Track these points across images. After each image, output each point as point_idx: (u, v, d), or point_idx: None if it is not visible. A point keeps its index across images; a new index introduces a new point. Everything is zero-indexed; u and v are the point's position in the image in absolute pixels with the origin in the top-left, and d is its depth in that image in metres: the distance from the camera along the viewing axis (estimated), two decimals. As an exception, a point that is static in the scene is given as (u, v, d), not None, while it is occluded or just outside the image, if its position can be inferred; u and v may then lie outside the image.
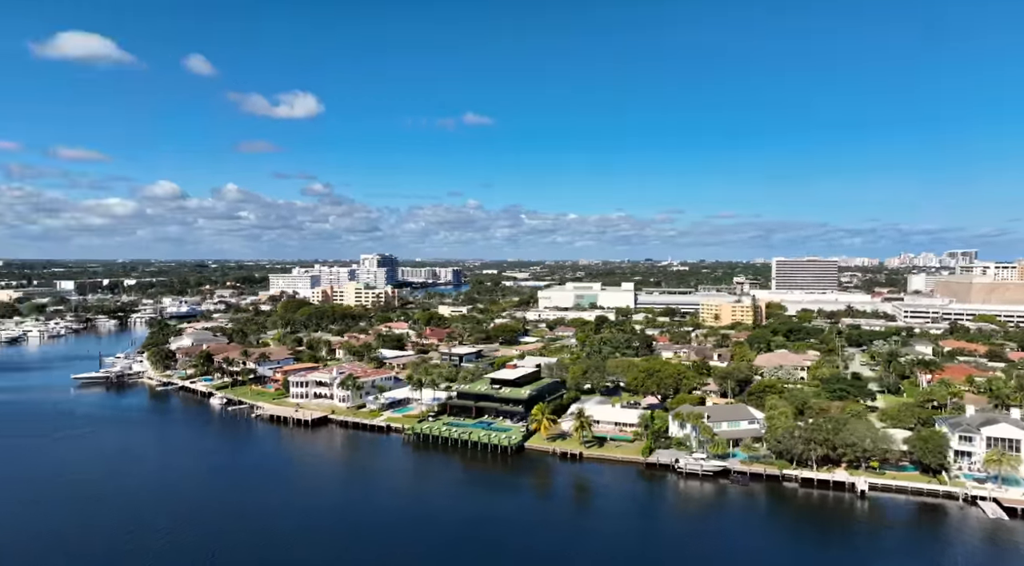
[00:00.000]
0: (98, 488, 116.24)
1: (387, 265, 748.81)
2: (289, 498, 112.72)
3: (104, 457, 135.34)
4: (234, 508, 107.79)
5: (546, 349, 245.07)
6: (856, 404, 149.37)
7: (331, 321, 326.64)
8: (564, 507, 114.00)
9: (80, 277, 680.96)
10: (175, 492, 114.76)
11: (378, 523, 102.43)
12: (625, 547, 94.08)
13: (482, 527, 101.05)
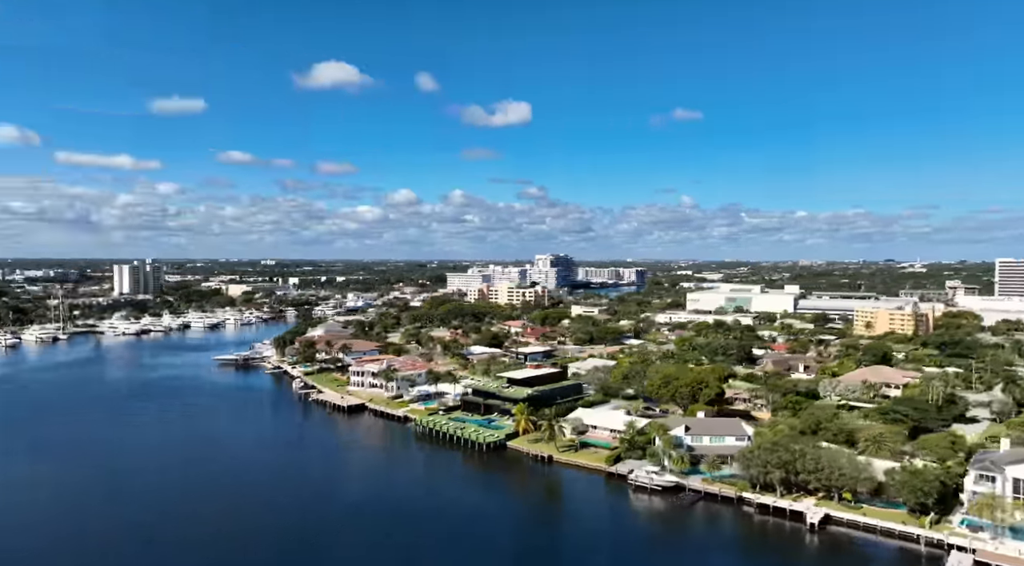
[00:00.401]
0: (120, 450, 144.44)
1: (560, 265, 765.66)
2: (256, 474, 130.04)
3: (166, 424, 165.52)
4: (201, 467, 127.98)
5: (627, 352, 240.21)
6: (895, 427, 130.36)
7: (459, 317, 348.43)
8: (493, 504, 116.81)
9: (326, 275, 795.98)
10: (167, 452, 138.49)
11: (321, 497, 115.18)
12: (507, 546, 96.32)
13: (403, 513, 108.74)
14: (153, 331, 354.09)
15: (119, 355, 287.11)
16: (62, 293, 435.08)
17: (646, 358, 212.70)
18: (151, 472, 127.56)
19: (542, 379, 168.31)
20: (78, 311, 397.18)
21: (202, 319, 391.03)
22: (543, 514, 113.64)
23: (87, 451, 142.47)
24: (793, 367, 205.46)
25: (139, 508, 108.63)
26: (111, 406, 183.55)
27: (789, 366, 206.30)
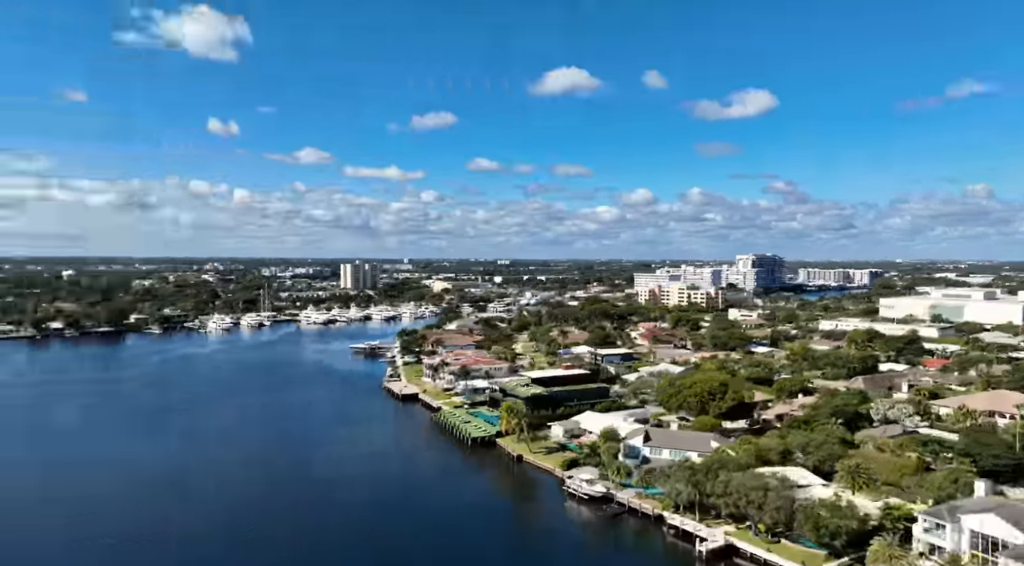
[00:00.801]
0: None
1: (763, 266, 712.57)
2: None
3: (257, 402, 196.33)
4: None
5: (724, 358, 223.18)
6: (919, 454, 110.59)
7: (602, 318, 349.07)
8: (420, 494, 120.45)
9: (547, 274, 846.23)
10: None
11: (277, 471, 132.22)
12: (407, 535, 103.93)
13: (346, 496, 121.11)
14: (338, 321, 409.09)
15: (291, 340, 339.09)
16: (271, 286, 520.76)
17: (725, 366, 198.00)
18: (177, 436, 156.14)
19: (563, 380, 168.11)
20: (294, 301, 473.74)
21: (383, 312, 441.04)
22: (462, 509, 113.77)
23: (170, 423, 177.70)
24: (896, 385, 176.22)
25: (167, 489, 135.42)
26: (232, 384, 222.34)
27: (891, 385, 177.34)
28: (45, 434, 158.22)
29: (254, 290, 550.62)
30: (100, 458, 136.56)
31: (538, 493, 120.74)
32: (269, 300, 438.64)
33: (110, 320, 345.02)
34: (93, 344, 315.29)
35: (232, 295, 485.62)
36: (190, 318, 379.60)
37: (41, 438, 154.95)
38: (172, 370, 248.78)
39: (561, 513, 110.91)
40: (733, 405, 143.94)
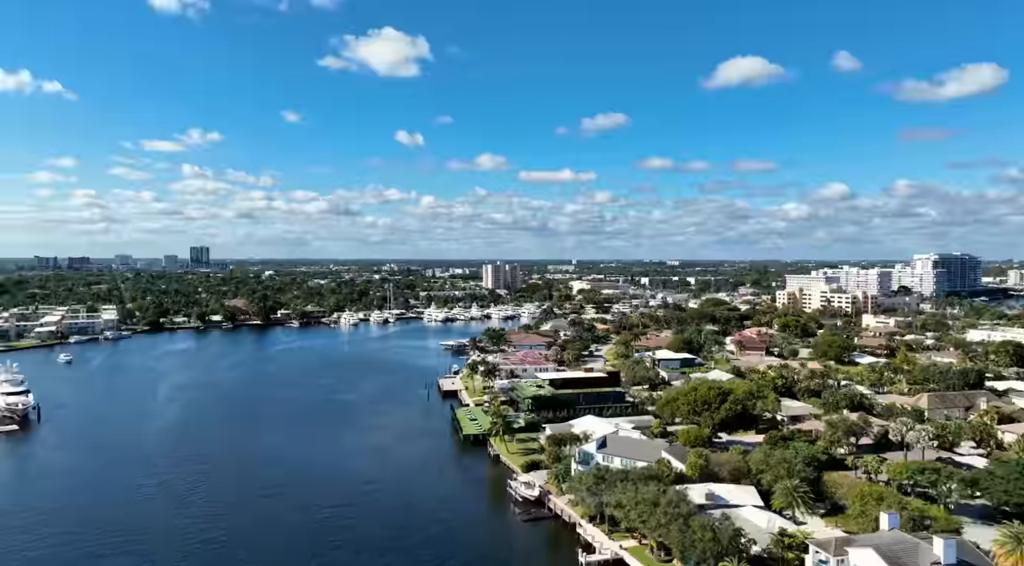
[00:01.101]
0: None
1: (950, 267, 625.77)
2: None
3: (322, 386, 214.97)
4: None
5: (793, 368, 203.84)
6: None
7: (712, 321, 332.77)
8: (377, 486, 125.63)
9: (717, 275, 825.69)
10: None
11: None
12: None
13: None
14: (458, 319, 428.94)
15: (401, 335, 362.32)
16: (393, 285, 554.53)
17: (783, 376, 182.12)
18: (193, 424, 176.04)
19: (579, 382, 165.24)
20: (430, 299, 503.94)
21: (503, 311, 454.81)
22: (404, 496, 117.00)
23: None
24: (975, 405, 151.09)
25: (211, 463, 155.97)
26: (310, 369, 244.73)
27: (970, 404, 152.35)
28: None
29: (406, 288, 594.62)
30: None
31: (491, 493, 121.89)
32: (402, 298, 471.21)
33: (260, 314, 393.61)
34: (239, 334, 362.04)
35: (374, 293, 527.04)
36: (327, 314, 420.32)
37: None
38: (273, 354, 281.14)
39: (497, 514, 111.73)
40: (731, 415, 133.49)
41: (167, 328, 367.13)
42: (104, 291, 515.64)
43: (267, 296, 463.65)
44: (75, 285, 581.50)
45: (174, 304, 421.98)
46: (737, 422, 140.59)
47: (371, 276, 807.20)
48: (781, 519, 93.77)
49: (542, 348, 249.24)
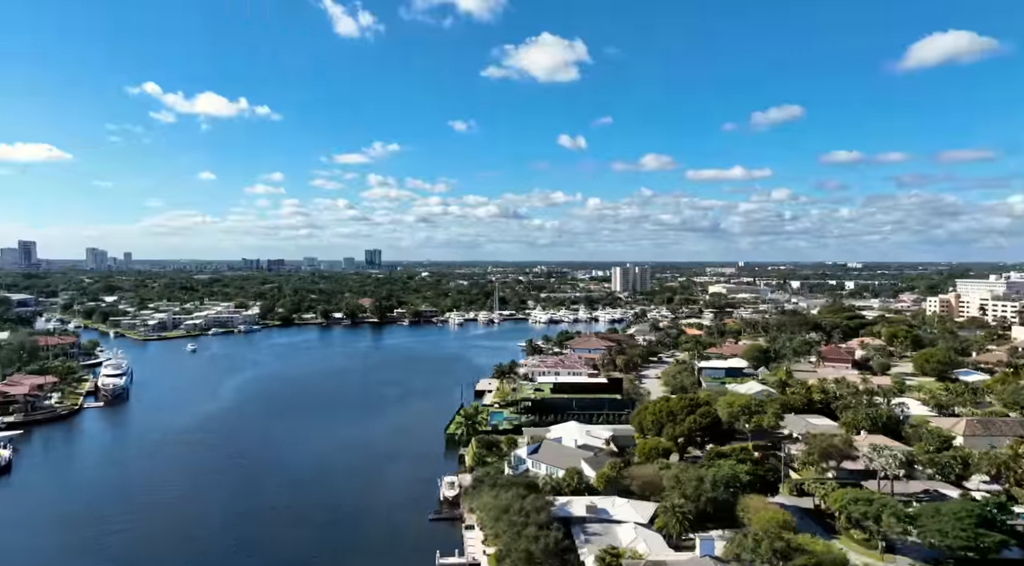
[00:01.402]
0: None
1: None
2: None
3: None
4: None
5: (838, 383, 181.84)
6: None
7: (816, 330, 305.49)
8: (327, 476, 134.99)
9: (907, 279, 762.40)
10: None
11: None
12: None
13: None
14: (563, 321, 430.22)
15: (494, 335, 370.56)
16: (523, 286, 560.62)
17: (824, 390, 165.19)
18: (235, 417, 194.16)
19: (580, 387, 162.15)
20: (549, 300, 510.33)
21: (610, 314, 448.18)
22: (354, 491, 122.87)
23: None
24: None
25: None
26: (383, 363, 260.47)
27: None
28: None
29: (535, 290, 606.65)
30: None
31: (432, 491, 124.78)
32: (517, 299, 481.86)
33: (376, 312, 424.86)
34: (352, 330, 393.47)
35: (497, 294, 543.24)
36: (439, 313, 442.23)
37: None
38: (359, 349, 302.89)
39: (416, 511, 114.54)
40: (696, 428, 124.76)
41: (296, 323, 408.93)
42: (267, 290, 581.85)
43: (390, 295, 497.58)
44: (250, 284, 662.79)
45: (313, 302, 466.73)
46: (716, 436, 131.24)
47: (507, 277, 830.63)
48: (659, 538, 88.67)
49: (600, 352, 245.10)
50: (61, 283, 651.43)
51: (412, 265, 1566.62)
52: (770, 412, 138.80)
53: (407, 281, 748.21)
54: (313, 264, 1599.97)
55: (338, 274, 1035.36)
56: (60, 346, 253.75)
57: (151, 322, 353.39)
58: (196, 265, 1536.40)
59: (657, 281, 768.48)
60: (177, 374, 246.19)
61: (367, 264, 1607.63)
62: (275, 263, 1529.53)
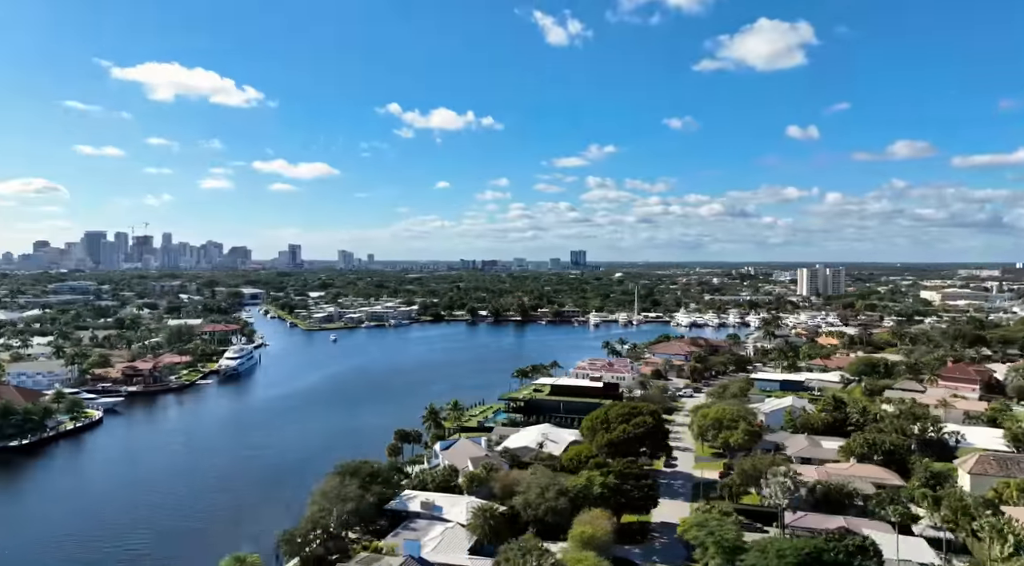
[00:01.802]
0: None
1: None
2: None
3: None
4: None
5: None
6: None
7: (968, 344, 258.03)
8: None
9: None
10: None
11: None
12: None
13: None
14: (708, 325, 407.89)
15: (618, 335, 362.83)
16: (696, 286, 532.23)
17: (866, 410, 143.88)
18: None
19: (571, 390, 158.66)
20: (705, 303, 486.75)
21: (758, 318, 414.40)
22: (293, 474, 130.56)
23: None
24: None
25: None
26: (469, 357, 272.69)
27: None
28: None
29: (713, 291, 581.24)
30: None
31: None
32: (638, 302, 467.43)
33: (519, 311, 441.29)
34: (493, 327, 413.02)
35: (661, 295, 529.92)
36: (580, 313, 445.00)
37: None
38: (470, 344, 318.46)
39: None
40: (622, 438, 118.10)
41: (446, 319, 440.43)
42: (443, 288, 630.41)
43: (543, 294, 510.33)
44: (441, 283, 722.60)
45: (479, 300, 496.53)
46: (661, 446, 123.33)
47: (710, 277, 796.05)
48: (465, 540, 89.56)
49: (681, 357, 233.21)
50: (311, 278, 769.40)
51: (626, 266, 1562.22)
52: (740, 429, 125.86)
53: (591, 281, 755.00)
54: (522, 264, 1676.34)
55: (531, 274, 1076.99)
56: (223, 333, 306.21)
57: (318, 315, 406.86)
58: (421, 265, 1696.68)
59: (865, 284, 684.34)
60: (301, 359, 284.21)
61: (572, 264, 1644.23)
62: (488, 263, 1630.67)
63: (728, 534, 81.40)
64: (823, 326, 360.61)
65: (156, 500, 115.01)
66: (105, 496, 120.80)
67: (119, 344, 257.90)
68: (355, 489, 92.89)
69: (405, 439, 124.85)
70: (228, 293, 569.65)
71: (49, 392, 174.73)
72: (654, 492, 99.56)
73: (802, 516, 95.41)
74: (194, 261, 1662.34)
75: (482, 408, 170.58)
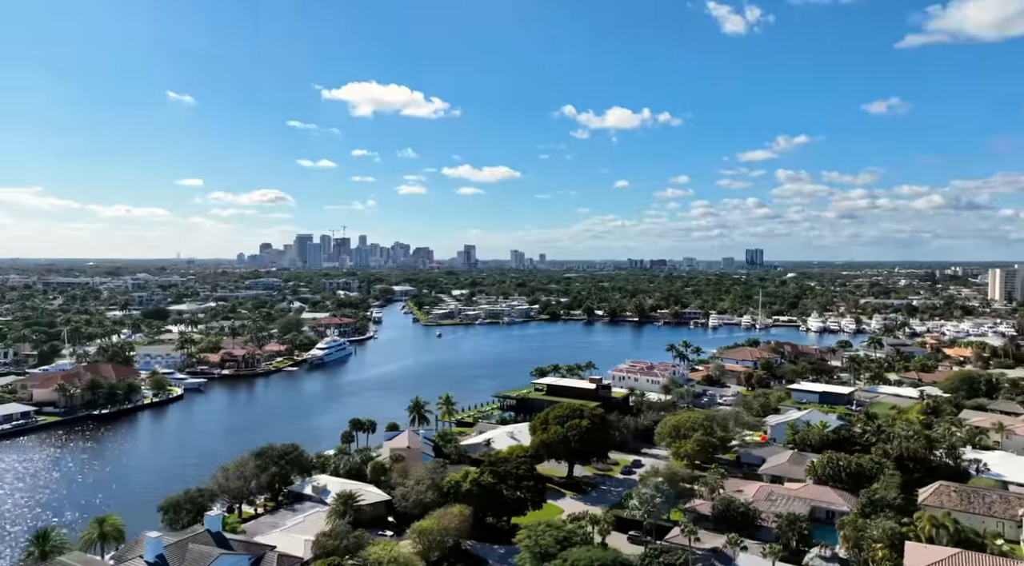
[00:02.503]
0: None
1: None
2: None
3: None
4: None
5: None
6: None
7: None
8: None
9: None
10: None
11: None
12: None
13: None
14: (843, 331, 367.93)
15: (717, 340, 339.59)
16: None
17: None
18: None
19: (565, 391, 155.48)
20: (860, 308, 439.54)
21: (943, 325, 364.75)
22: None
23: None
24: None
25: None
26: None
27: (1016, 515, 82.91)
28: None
29: (882, 293, 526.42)
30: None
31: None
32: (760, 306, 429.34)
33: (636, 312, 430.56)
34: (608, 327, 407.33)
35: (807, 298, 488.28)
36: (701, 315, 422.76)
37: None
38: (559, 343, 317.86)
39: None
40: (561, 438, 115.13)
41: (563, 319, 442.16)
42: (584, 287, 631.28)
43: (676, 295, 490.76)
44: (584, 282, 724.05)
45: (611, 300, 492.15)
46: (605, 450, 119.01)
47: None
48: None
49: (748, 363, 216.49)
50: (466, 277, 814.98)
51: (817, 266, 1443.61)
52: (692, 439, 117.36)
53: (744, 282, 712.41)
54: (692, 264, 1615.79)
55: (697, 273, 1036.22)
56: (339, 325, 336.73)
57: (437, 311, 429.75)
58: (593, 265, 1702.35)
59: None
60: (394, 352, 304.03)
61: (747, 264, 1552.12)
62: (657, 263, 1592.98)
63: (544, 541, 78.96)
64: (984, 335, 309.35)
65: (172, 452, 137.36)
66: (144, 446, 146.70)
67: (242, 332, 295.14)
68: (252, 468, 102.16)
69: (359, 428, 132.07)
70: (381, 290, 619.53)
71: (145, 372, 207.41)
72: (534, 495, 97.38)
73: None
74: (383, 260, 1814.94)
75: (491, 405, 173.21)
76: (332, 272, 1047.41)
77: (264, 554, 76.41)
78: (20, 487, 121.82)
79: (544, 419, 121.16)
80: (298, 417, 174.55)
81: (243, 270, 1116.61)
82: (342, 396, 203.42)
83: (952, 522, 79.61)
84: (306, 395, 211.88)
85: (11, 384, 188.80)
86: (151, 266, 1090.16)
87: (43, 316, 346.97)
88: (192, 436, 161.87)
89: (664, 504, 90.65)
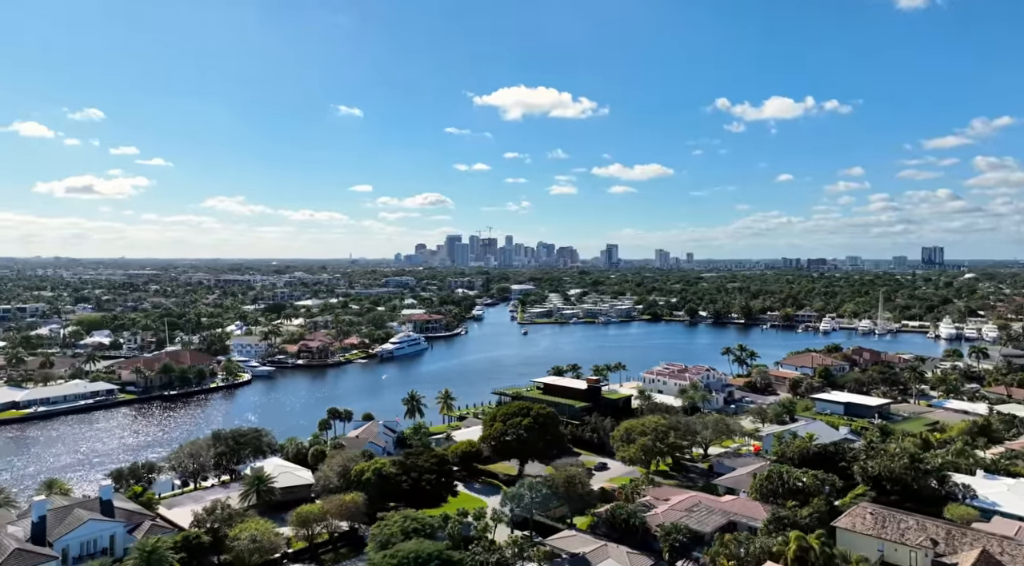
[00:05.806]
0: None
1: None
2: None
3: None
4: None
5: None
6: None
7: None
8: None
9: None
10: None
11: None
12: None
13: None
14: (983, 339, 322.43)
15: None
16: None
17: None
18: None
19: (559, 390, 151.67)
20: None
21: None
22: None
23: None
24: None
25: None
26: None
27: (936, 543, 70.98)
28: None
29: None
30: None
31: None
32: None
33: (742, 313, 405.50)
34: (716, 328, 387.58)
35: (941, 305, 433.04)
36: (816, 317, 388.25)
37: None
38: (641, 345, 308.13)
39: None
40: (502, 436, 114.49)
41: (665, 319, 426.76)
42: (704, 289, 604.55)
43: (794, 296, 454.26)
44: (713, 282, 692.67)
45: (692, 300, 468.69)
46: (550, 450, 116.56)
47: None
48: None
49: (807, 370, 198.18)
50: (618, 276, 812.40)
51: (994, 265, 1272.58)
52: (638, 443, 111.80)
53: (901, 281, 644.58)
54: (856, 263, 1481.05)
55: (859, 272, 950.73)
56: (426, 321, 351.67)
57: (534, 310, 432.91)
58: (738, 264, 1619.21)
59: None
60: (473, 347, 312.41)
61: (925, 263, 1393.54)
62: (816, 262, 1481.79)
63: (389, 530, 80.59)
64: None
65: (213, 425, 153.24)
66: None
67: (335, 326, 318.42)
68: (204, 448, 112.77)
69: (336, 416, 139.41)
70: (499, 288, 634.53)
71: (223, 359, 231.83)
72: (437, 488, 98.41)
73: (571, 536, 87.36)
74: (526, 260, 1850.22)
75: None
76: (468, 271, 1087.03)
77: (142, 523, 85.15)
78: (63, 450, 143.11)
79: (493, 416, 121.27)
80: (330, 403, 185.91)
81: (393, 269, 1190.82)
82: (383, 389, 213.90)
83: (822, 546, 70.27)
84: (356, 385, 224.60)
85: (111, 365, 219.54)
86: (314, 265, 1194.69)
87: (182, 307, 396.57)
88: (238, 414, 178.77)
89: (540, 503, 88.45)
